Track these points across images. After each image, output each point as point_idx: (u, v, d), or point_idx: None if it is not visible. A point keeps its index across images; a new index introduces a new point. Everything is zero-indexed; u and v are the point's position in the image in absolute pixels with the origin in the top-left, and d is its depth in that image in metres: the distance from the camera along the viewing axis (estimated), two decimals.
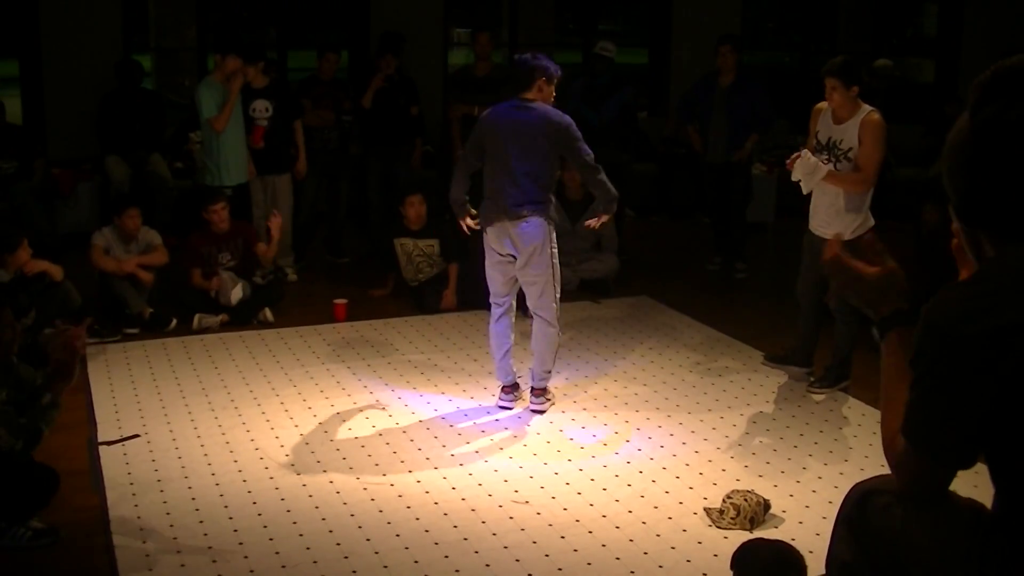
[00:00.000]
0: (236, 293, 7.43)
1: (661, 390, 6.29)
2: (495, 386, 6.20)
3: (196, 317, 7.32)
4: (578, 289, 8.23)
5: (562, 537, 4.47)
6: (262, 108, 8.33)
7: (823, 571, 2.82)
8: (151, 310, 7.31)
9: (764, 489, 4.95)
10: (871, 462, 5.24)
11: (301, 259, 8.85)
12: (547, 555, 4.32)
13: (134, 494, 4.83)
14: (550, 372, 5.96)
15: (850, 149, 6.03)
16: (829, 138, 6.12)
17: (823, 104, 6.20)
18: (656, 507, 4.77)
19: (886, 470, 5.07)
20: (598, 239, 8.42)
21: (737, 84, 8.70)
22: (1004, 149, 2.11)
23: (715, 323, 7.57)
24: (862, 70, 6.10)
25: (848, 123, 6.04)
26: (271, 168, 8.41)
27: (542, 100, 5.78)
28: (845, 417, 5.90)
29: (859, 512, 2.59)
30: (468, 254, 8.29)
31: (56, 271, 6.82)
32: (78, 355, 4.40)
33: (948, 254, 2.42)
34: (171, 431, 5.59)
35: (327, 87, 9.06)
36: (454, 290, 7.86)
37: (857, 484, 2.74)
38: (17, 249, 6.61)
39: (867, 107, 6.03)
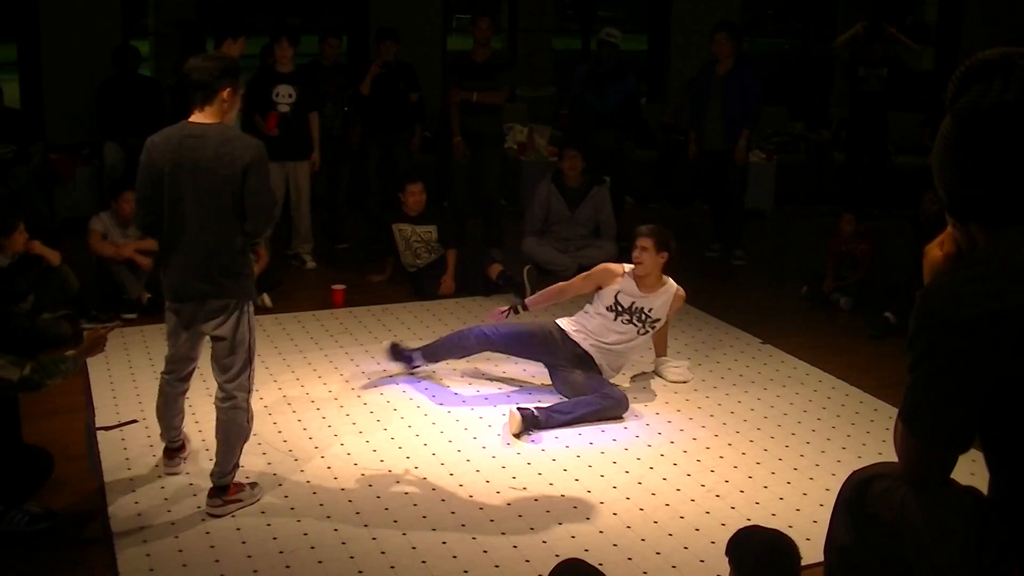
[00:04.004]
0: None
1: (659, 376, 6.29)
2: (494, 372, 6.22)
3: None
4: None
5: (559, 524, 4.48)
6: (285, 93, 8.31)
7: (821, 558, 2.82)
8: (149, 295, 7.29)
9: (761, 476, 4.96)
10: (868, 449, 5.25)
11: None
12: (544, 541, 4.33)
13: (131, 479, 4.83)
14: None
15: (658, 320, 5.98)
16: (633, 303, 5.92)
17: (617, 267, 6.05)
18: (653, 494, 4.77)
19: (883, 458, 5.08)
20: (597, 225, 8.42)
21: (734, 72, 8.69)
22: (982, 135, 2.14)
23: (713, 309, 7.57)
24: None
25: (659, 293, 5.95)
26: (291, 154, 8.36)
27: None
28: (843, 404, 5.90)
29: (858, 496, 2.59)
30: (466, 240, 8.30)
31: (54, 256, 6.82)
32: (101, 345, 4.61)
33: None
34: None
35: (328, 72, 9.05)
36: (452, 276, 7.86)
37: (857, 470, 2.74)
38: (13, 232, 6.60)
39: (671, 281, 6.01)
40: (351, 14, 11.56)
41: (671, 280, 6.02)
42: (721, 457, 5.18)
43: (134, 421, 5.49)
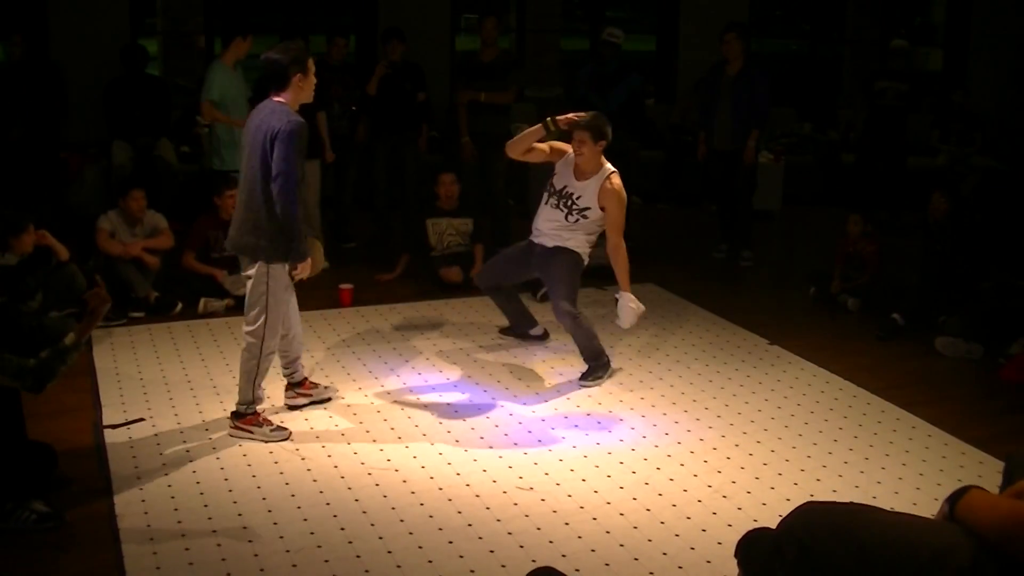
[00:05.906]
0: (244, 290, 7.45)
1: (666, 377, 6.29)
2: (501, 373, 6.22)
3: (202, 301, 7.33)
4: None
5: (566, 524, 4.48)
6: None
7: None
8: (157, 294, 7.32)
9: (768, 477, 4.96)
10: (875, 451, 5.24)
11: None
12: (551, 541, 4.33)
13: (139, 477, 4.84)
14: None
15: (587, 208, 6.11)
16: (565, 187, 6.17)
17: (564, 146, 6.22)
18: (660, 494, 4.77)
19: (891, 458, 5.06)
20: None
21: (743, 73, 8.69)
22: None
23: (721, 310, 7.57)
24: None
25: (590, 181, 6.11)
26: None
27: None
28: (850, 406, 5.89)
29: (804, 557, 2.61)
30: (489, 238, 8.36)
31: (62, 250, 6.83)
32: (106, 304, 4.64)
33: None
34: (176, 415, 5.59)
35: (335, 72, 9.04)
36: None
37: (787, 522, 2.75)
38: (22, 233, 6.61)
39: (608, 167, 6.12)
40: (359, 14, 11.56)
41: (607, 166, 6.16)
42: (728, 458, 5.18)
43: (141, 419, 5.50)
